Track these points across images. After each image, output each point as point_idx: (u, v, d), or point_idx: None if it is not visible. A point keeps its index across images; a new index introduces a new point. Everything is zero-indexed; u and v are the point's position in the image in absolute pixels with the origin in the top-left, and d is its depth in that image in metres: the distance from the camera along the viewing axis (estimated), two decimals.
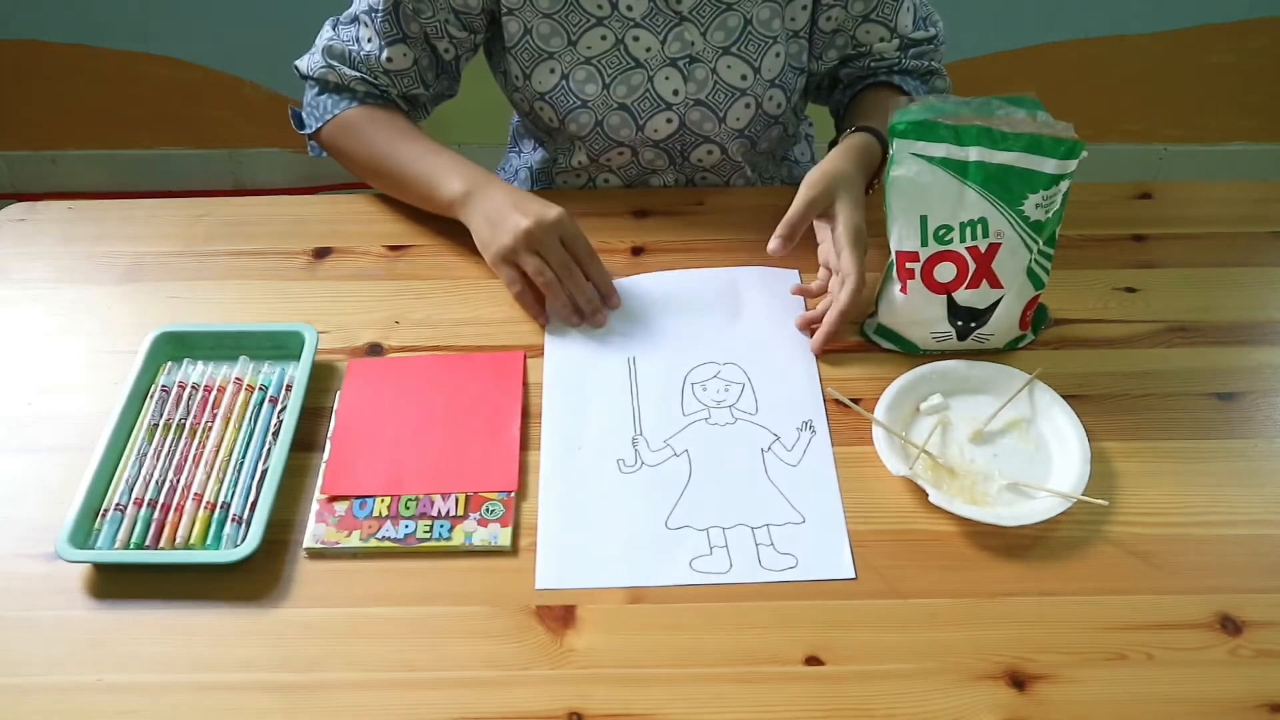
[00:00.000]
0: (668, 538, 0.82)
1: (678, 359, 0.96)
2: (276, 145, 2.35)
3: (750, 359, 0.95)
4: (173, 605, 0.79)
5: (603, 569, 0.80)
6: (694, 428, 0.90)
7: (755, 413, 0.91)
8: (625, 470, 0.87)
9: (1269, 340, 1.00)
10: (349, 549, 0.82)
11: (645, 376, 0.94)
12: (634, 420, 0.90)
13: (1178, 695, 0.74)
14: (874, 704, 0.73)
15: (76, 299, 1.04)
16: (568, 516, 0.83)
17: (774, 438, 0.89)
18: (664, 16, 1.06)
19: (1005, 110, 0.90)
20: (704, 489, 0.86)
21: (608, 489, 0.85)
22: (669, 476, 0.86)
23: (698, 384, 0.93)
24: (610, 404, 0.92)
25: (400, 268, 1.08)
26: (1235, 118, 2.34)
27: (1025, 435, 0.90)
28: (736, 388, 0.93)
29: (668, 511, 0.84)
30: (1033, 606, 0.79)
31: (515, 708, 0.73)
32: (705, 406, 0.91)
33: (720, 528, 0.83)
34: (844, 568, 0.80)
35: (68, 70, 2.22)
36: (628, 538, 0.82)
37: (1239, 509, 0.86)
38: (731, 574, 0.80)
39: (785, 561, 0.81)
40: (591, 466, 0.87)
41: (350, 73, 1.10)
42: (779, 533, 0.82)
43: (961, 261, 0.93)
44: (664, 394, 0.92)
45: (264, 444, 0.88)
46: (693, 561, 0.81)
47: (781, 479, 0.86)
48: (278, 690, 0.74)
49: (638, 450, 0.88)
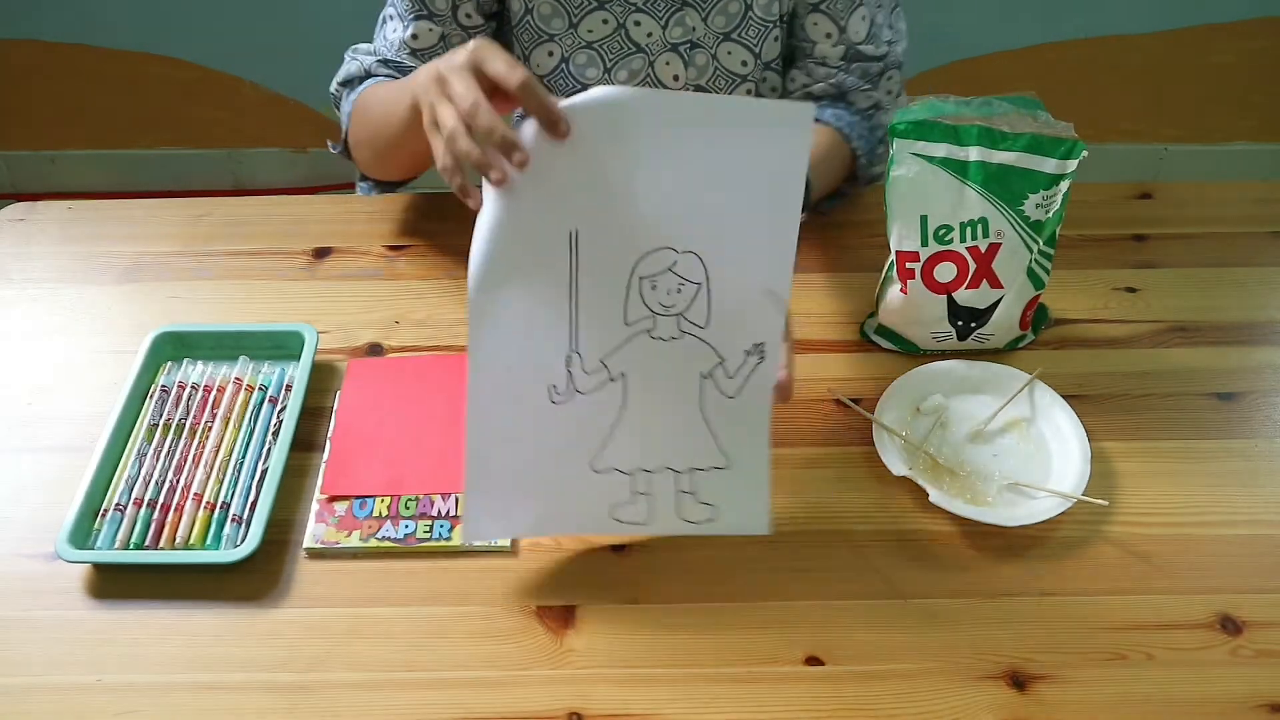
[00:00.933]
0: (593, 482, 0.79)
1: (630, 237, 0.75)
2: (276, 145, 2.34)
3: (714, 249, 0.76)
4: (173, 605, 0.79)
5: (527, 518, 0.80)
6: (635, 343, 0.77)
7: (705, 325, 0.77)
8: (556, 399, 0.77)
9: (1269, 340, 1.00)
10: (349, 549, 0.82)
11: (588, 260, 0.75)
12: (570, 327, 0.76)
13: (1178, 695, 0.74)
14: (874, 704, 0.73)
15: (76, 299, 1.04)
16: (495, 461, 0.78)
17: (718, 361, 0.77)
18: (666, 1, 1.06)
19: (1005, 110, 0.90)
20: (634, 423, 0.78)
21: (535, 422, 0.77)
22: (600, 407, 0.78)
23: (647, 278, 0.76)
24: (545, 298, 0.75)
25: (400, 268, 1.08)
26: (1235, 118, 2.34)
27: (1025, 435, 0.90)
28: (691, 289, 0.76)
29: (595, 451, 0.78)
30: (1033, 606, 0.79)
31: (515, 708, 0.73)
32: (651, 313, 0.77)
33: (645, 471, 0.79)
34: (759, 524, 0.79)
35: (68, 70, 2.22)
36: (554, 482, 0.79)
37: (1239, 509, 0.86)
38: (650, 525, 0.79)
39: (703, 513, 0.79)
40: (522, 397, 0.77)
41: (370, 59, 1.09)
42: (702, 480, 0.79)
43: (962, 261, 0.93)
44: (608, 289, 0.76)
45: (264, 444, 0.88)
46: (614, 509, 0.79)
47: (715, 414, 0.79)
48: (278, 690, 0.74)
49: (571, 373, 0.76)
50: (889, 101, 1.11)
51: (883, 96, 1.10)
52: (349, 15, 2.11)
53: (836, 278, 1.07)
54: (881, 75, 1.10)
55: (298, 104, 2.27)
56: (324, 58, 2.18)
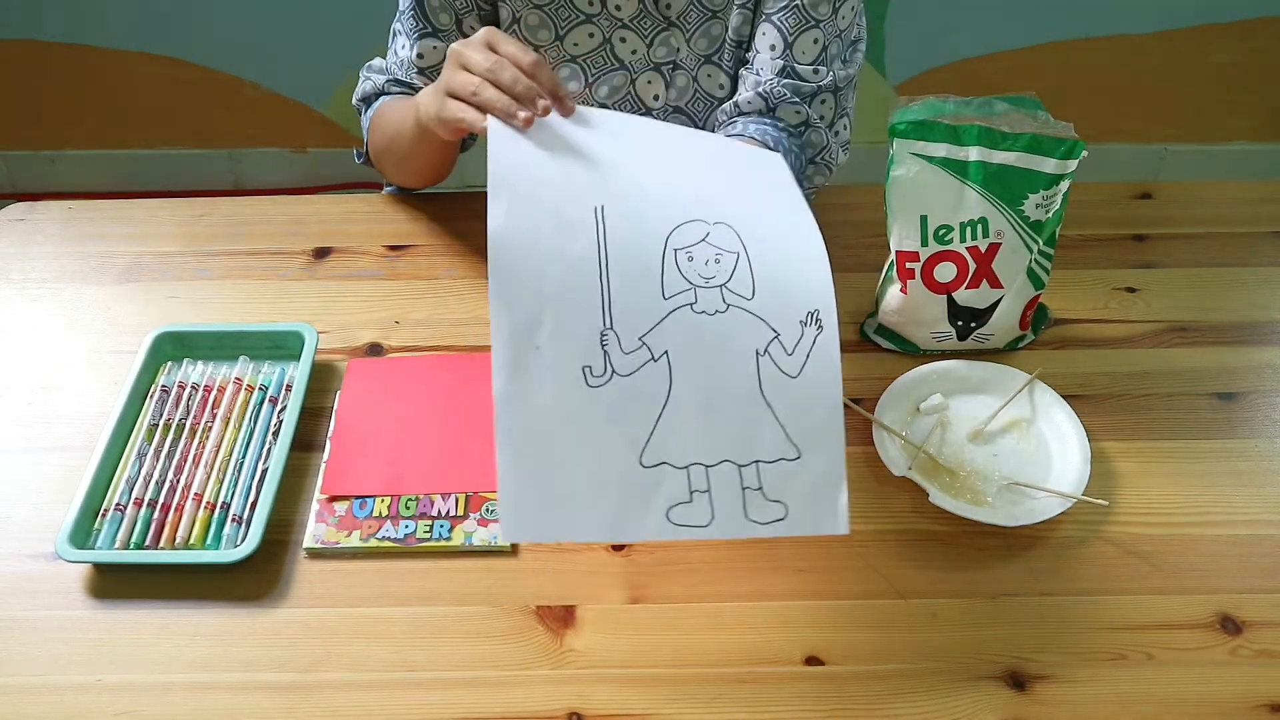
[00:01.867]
0: (642, 479, 0.70)
1: (658, 211, 0.74)
2: (276, 145, 2.35)
3: (746, 218, 0.75)
4: (172, 605, 0.79)
5: (572, 520, 0.70)
6: (677, 317, 0.72)
7: (751, 297, 0.73)
8: (593, 382, 0.70)
9: (1269, 340, 1.00)
10: (349, 549, 0.82)
11: (616, 235, 0.72)
12: (603, 302, 0.71)
13: (1178, 695, 0.74)
14: (874, 704, 0.73)
15: (76, 299, 1.04)
16: (531, 451, 0.70)
17: (773, 335, 0.72)
18: (652, 20, 1.06)
19: (1005, 110, 0.90)
20: (685, 410, 0.71)
21: (573, 412, 0.70)
22: (643, 391, 0.71)
23: (682, 250, 0.73)
24: (573, 274, 0.71)
25: (400, 268, 1.08)
26: (1235, 118, 2.34)
27: (1025, 435, 0.90)
28: (730, 258, 0.73)
29: (643, 442, 0.70)
30: (1033, 606, 0.79)
31: (515, 708, 0.73)
32: (691, 285, 0.72)
33: (703, 466, 0.71)
34: (838, 522, 0.71)
35: (68, 70, 2.22)
36: (597, 477, 0.70)
37: (1239, 509, 0.86)
38: (713, 528, 0.70)
39: (773, 512, 0.71)
40: (551, 379, 0.70)
41: (382, 78, 1.10)
42: (769, 473, 0.71)
43: (961, 261, 0.93)
44: (641, 263, 0.72)
45: (264, 444, 0.88)
46: (670, 511, 0.70)
47: (778, 395, 0.71)
48: (278, 690, 0.74)
49: (607, 352, 0.70)
50: (821, 123, 1.06)
51: (813, 115, 1.05)
52: (349, 15, 2.12)
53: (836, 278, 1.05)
54: (814, 95, 1.04)
55: (298, 104, 2.27)
56: (324, 58, 2.20)
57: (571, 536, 0.73)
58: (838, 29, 1.04)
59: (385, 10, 1.15)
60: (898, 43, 2.20)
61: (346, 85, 2.24)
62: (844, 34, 1.05)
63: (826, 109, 1.06)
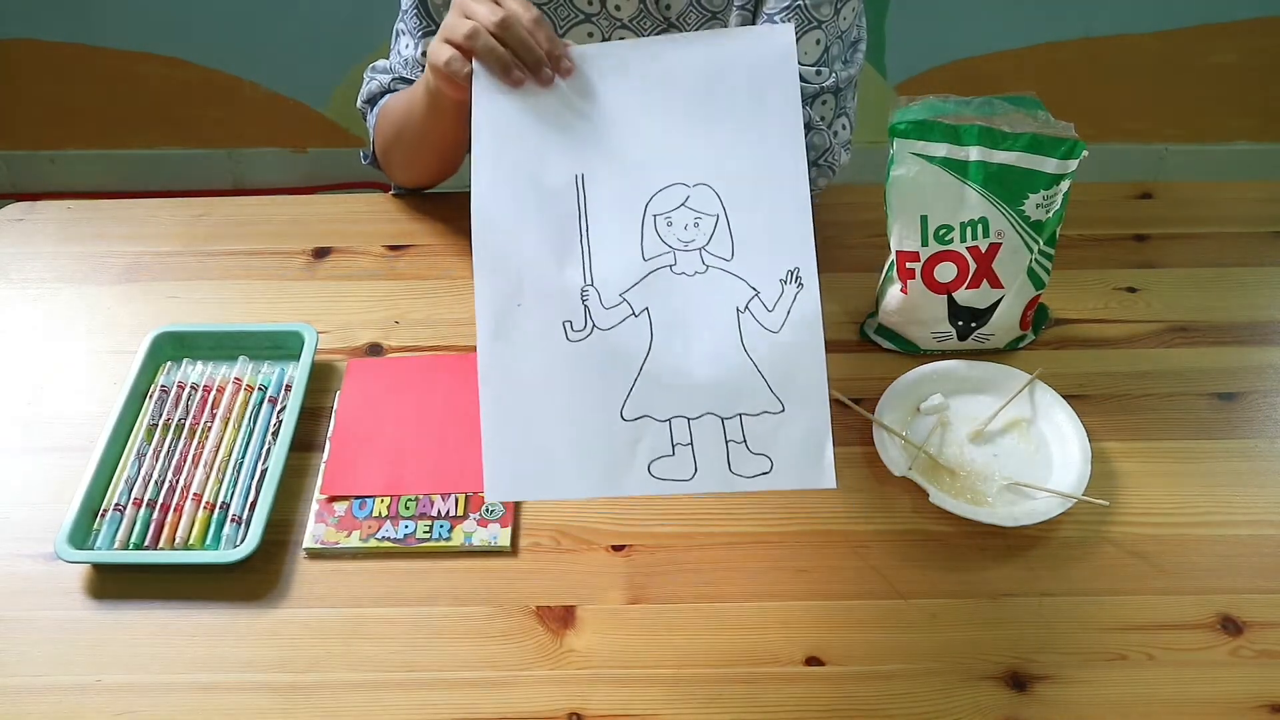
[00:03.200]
0: (624, 432, 0.71)
1: (638, 177, 0.75)
2: (276, 145, 2.35)
3: (726, 178, 0.75)
4: (172, 605, 0.79)
5: (553, 476, 0.71)
6: (656, 277, 0.74)
7: (730, 258, 0.74)
8: (573, 337, 0.72)
9: (1269, 340, 1.00)
10: (349, 549, 0.82)
11: (597, 201, 0.75)
12: (583, 263, 0.73)
13: (1178, 696, 0.74)
14: (874, 704, 0.73)
15: (76, 299, 1.04)
16: (514, 407, 0.71)
17: (753, 293, 0.73)
18: (652, 20, 1.06)
19: (1005, 110, 0.90)
20: (666, 364, 0.72)
21: (553, 364, 0.72)
22: (624, 344, 0.72)
23: (661, 215, 0.75)
24: (554, 238, 0.74)
25: (400, 268, 1.07)
26: (1236, 117, 2.34)
27: (1026, 435, 0.90)
28: (709, 221, 0.75)
29: (624, 395, 0.71)
30: (1033, 606, 0.79)
31: (515, 708, 0.73)
32: (670, 248, 0.74)
33: (685, 418, 0.71)
34: (824, 476, 0.70)
35: (67, 70, 2.22)
36: (578, 432, 0.71)
37: (1239, 509, 0.86)
38: (696, 481, 0.70)
39: (758, 465, 0.70)
40: (535, 334, 0.72)
41: (387, 77, 1.10)
42: (753, 426, 0.71)
43: (962, 261, 0.92)
44: (620, 227, 0.75)
45: (263, 444, 0.88)
46: (652, 465, 0.70)
47: (760, 350, 0.72)
48: (277, 690, 0.74)
49: (588, 307, 0.73)
50: (822, 124, 1.05)
51: (814, 117, 1.04)
52: (349, 15, 2.12)
53: (836, 278, 1.06)
54: (815, 97, 1.04)
55: (298, 104, 2.27)
56: (324, 58, 2.20)
57: (554, 494, 0.73)
58: (839, 30, 1.03)
59: (386, 10, 1.15)
60: (898, 43, 2.20)
61: (346, 85, 2.26)
62: (845, 35, 1.05)
63: (827, 109, 1.05)
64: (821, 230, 1.11)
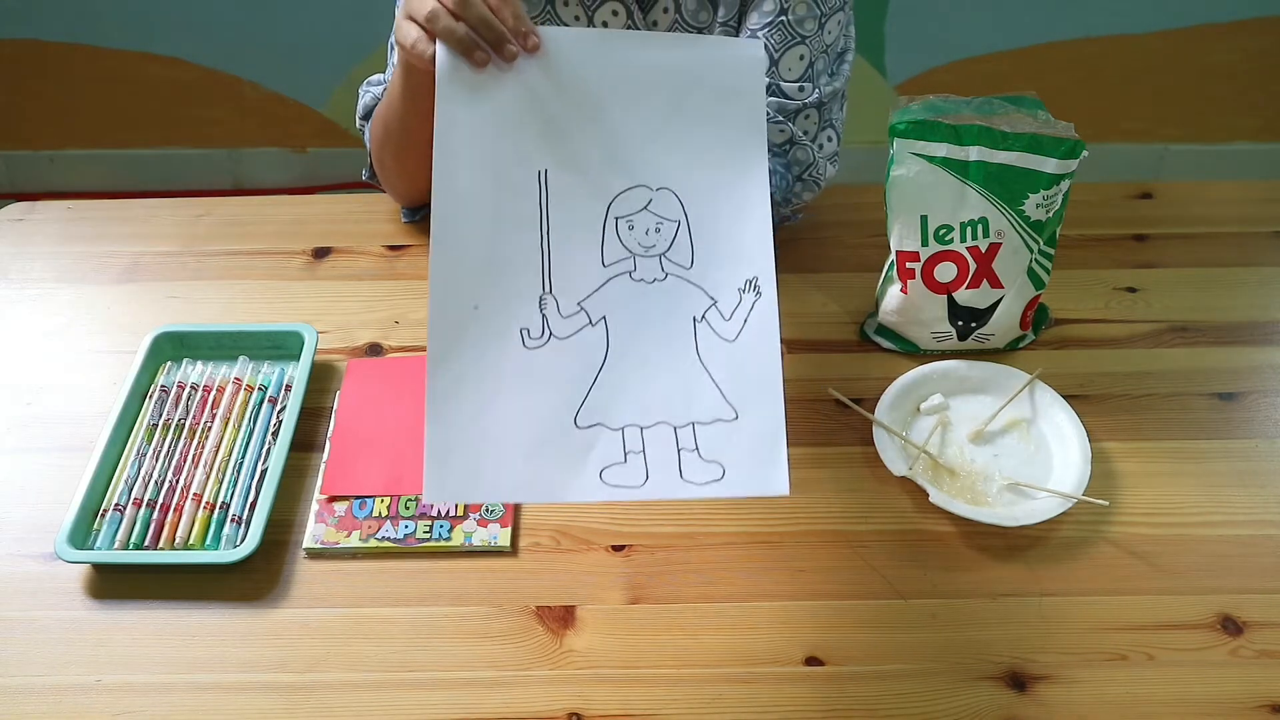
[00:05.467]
0: (577, 439, 0.70)
1: (601, 177, 0.75)
2: (276, 145, 2.35)
3: (689, 183, 0.75)
4: (172, 605, 0.79)
5: (499, 479, 0.69)
6: (615, 284, 0.73)
7: (690, 265, 0.74)
8: (530, 344, 0.72)
9: (1269, 340, 1.00)
10: (349, 549, 0.82)
11: (559, 200, 0.74)
12: (543, 268, 0.73)
13: (1178, 696, 0.74)
14: (874, 704, 0.73)
15: (75, 299, 1.04)
16: (462, 408, 0.70)
17: (710, 302, 0.73)
18: None
19: (1005, 110, 0.90)
20: (621, 372, 0.72)
21: (508, 371, 0.71)
22: (581, 354, 0.72)
23: (623, 219, 0.74)
24: (514, 239, 0.73)
25: (400, 268, 1.08)
26: (1236, 117, 2.34)
27: (1026, 435, 0.90)
28: (670, 227, 0.74)
29: (578, 404, 0.71)
30: (1033, 606, 0.79)
31: (515, 708, 0.73)
32: (630, 254, 0.74)
33: (637, 427, 0.71)
34: (777, 482, 0.69)
35: (67, 70, 2.22)
36: (530, 437, 0.70)
37: (1239, 509, 0.86)
38: (647, 487, 0.69)
39: (710, 472, 0.69)
40: (490, 338, 0.71)
41: (380, 89, 1.08)
42: (706, 434, 0.70)
43: (962, 261, 0.93)
44: (582, 231, 0.74)
45: (263, 444, 0.88)
46: (603, 472, 0.69)
47: (715, 359, 0.72)
48: (277, 690, 0.74)
49: (545, 316, 0.72)
50: (805, 138, 1.04)
51: (798, 132, 1.03)
52: (349, 15, 2.12)
53: (836, 278, 1.07)
54: (798, 112, 1.02)
55: (298, 104, 2.27)
56: (324, 58, 2.20)
57: (498, 497, 0.72)
58: (824, 44, 1.02)
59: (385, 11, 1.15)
60: (898, 43, 2.20)
61: (346, 85, 2.26)
62: (830, 48, 1.04)
63: (811, 124, 1.05)
64: (821, 230, 1.13)
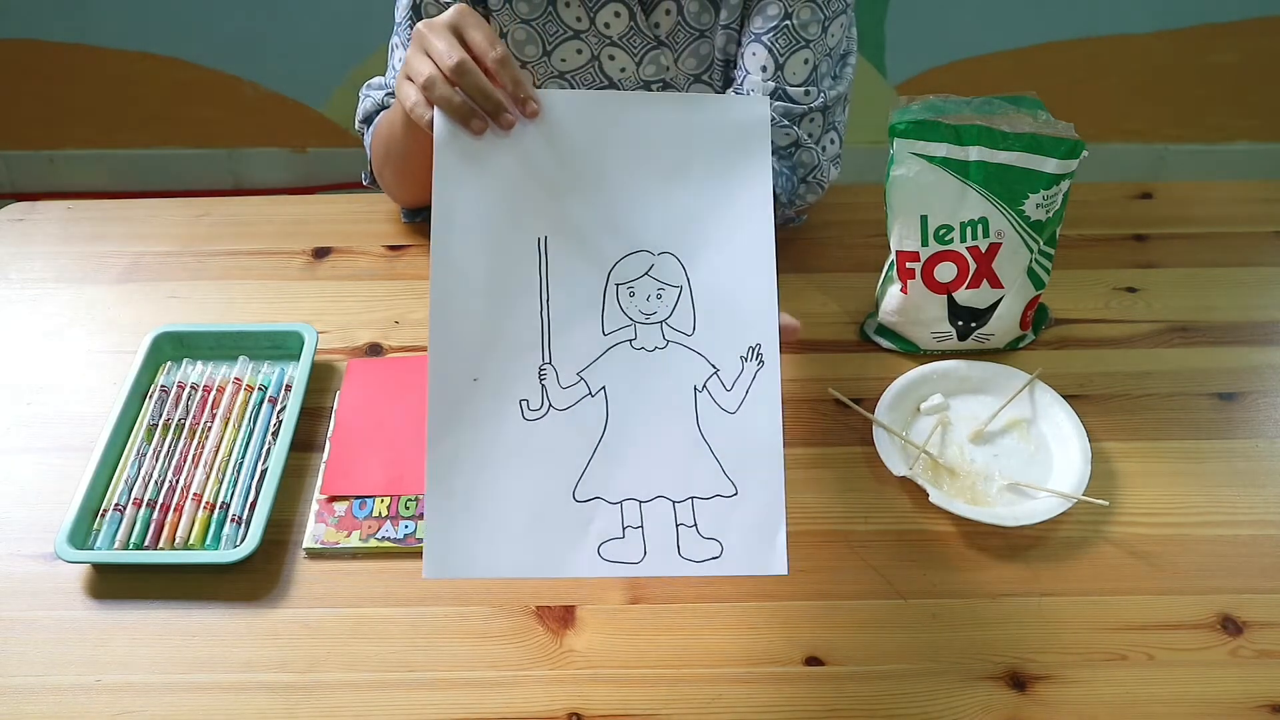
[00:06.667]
0: (575, 514, 0.70)
1: (602, 242, 0.74)
2: (276, 145, 2.35)
3: (692, 248, 0.74)
4: (172, 605, 0.79)
5: (498, 555, 0.69)
6: (615, 353, 0.72)
7: (692, 333, 0.73)
8: (529, 416, 0.71)
9: (1269, 340, 1.00)
10: (349, 549, 0.82)
11: (559, 267, 0.73)
12: (543, 338, 0.72)
13: (1178, 696, 0.74)
14: (874, 704, 0.73)
15: (75, 299, 1.04)
16: (461, 482, 0.70)
17: (712, 371, 0.72)
18: (642, 38, 1.05)
19: (1005, 110, 0.90)
20: (620, 445, 0.71)
21: (508, 444, 0.70)
22: (579, 426, 0.71)
23: (624, 285, 0.73)
24: (513, 309, 0.72)
25: (400, 268, 1.08)
26: (1236, 117, 2.34)
27: (1026, 435, 0.90)
28: (672, 293, 0.73)
29: (576, 477, 0.70)
30: (1033, 606, 0.79)
31: (515, 708, 0.73)
32: (631, 321, 0.73)
33: (636, 501, 0.70)
34: (776, 563, 0.68)
35: (67, 70, 2.22)
36: (529, 512, 0.69)
37: (1239, 509, 0.86)
38: (645, 564, 0.69)
39: (708, 550, 0.69)
40: (489, 410, 0.70)
41: (380, 93, 1.08)
42: (704, 510, 0.70)
43: (962, 261, 0.93)
44: (582, 298, 0.73)
45: (263, 444, 0.88)
46: (601, 547, 0.69)
47: (715, 431, 0.71)
48: (277, 690, 0.74)
49: (545, 387, 0.71)
50: (810, 140, 1.04)
51: (802, 135, 1.03)
52: (349, 16, 2.12)
53: (836, 278, 1.07)
54: (803, 116, 1.03)
55: (298, 104, 2.27)
56: (324, 58, 2.20)
57: (497, 573, 0.71)
58: (828, 47, 1.03)
59: (385, 11, 1.15)
60: (898, 43, 2.20)
61: (346, 85, 2.26)
62: (834, 51, 1.04)
63: (815, 127, 1.05)
64: (821, 230, 1.13)
